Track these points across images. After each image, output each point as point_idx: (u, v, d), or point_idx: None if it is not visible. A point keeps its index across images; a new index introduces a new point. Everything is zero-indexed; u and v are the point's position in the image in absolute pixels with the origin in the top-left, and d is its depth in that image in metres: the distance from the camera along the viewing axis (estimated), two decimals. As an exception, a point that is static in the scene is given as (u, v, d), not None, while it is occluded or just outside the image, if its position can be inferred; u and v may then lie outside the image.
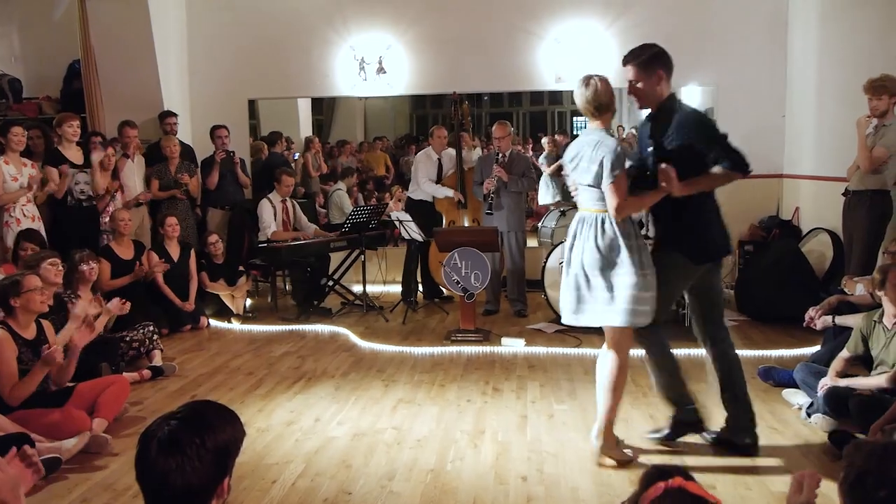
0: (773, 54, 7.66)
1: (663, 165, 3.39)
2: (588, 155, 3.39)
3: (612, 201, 3.34)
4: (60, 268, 4.79)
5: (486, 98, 9.23)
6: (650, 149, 3.58)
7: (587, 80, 3.47)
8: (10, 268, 5.12)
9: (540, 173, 8.78)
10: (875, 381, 3.72)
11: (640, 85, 3.68)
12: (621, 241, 3.36)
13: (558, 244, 6.41)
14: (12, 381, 3.81)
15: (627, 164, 3.43)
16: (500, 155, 6.71)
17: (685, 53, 7.75)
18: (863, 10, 6.14)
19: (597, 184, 3.38)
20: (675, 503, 1.44)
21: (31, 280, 4.02)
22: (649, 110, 3.73)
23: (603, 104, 3.46)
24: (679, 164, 3.38)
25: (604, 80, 3.50)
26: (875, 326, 3.87)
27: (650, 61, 3.67)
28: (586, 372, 5.08)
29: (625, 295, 3.36)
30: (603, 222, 3.40)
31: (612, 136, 3.48)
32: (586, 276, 3.42)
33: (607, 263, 3.37)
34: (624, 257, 3.36)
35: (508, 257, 6.82)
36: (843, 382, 3.88)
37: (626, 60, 3.71)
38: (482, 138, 9.16)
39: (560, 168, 6.63)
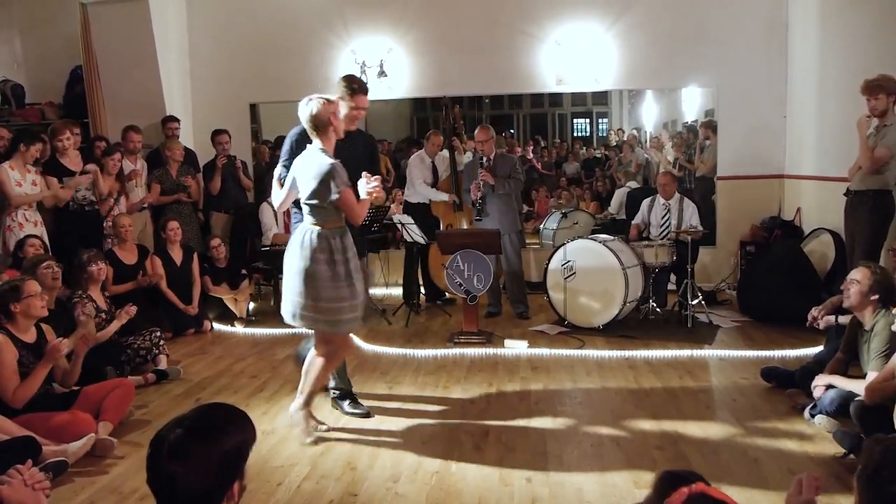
0: (773, 55, 7.67)
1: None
2: (312, 174, 3.71)
3: (349, 211, 3.76)
4: (56, 269, 4.82)
5: (486, 100, 9.24)
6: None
7: (308, 101, 3.79)
8: (13, 273, 5.14)
9: (531, 174, 8.82)
10: (854, 384, 3.75)
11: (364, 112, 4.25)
12: (321, 255, 3.73)
13: (560, 246, 6.42)
14: (13, 385, 3.82)
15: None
16: (485, 159, 6.71)
17: (685, 55, 7.82)
18: (862, 9, 6.16)
19: (317, 200, 3.71)
20: None
21: (32, 285, 4.04)
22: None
23: (321, 124, 3.76)
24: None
25: (324, 103, 3.79)
26: (856, 328, 3.91)
27: None
28: (589, 373, 5.09)
29: (332, 307, 3.76)
30: (312, 235, 3.75)
31: (329, 155, 3.78)
32: (303, 283, 3.76)
33: (310, 274, 3.74)
34: (323, 269, 3.73)
35: (505, 259, 6.83)
36: (829, 380, 3.91)
37: (366, 90, 4.24)
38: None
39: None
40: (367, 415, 4.32)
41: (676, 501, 1.46)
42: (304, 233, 3.79)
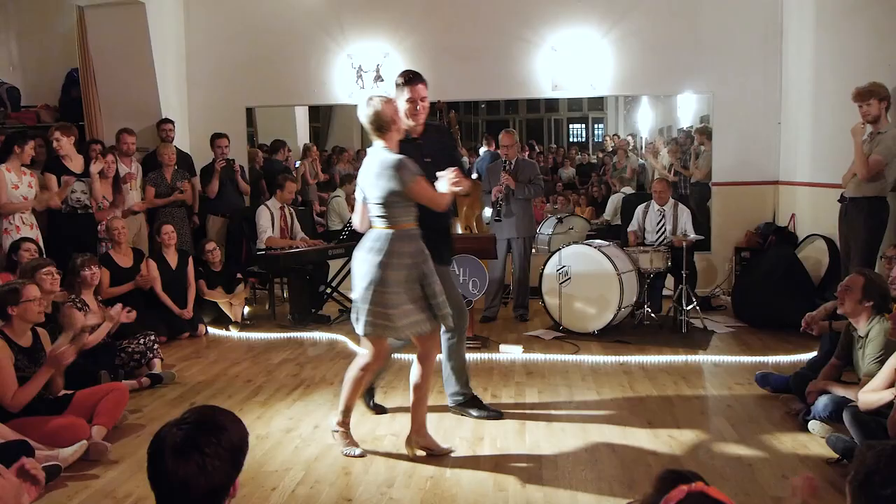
0: (768, 62, 7.70)
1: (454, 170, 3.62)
2: (376, 173, 3.56)
3: (427, 201, 3.60)
4: (56, 275, 4.80)
5: (482, 106, 9.27)
6: (427, 159, 3.87)
7: (369, 100, 3.61)
8: (7, 276, 5.12)
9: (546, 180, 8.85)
10: (848, 390, 3.77)
11: (427, 103, 4.01)
12: (394, 259, 3.55)
13: (555, 251, 6.44)
14: (12, 388, 3.80)
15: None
16: (507, 162, 6.77)
17: (681, 62, 7.85)
18: (856, 17, 6.19)
19: (384, 200, 3.56)
20: None
21: (31, 290, 4.02)
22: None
23: (384, 123, 3.60)
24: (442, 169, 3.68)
25: (386, 101, 3.64)
26: (851, 334, 3.92)
27: None
28: (584, 378, 5.10)
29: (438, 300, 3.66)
30: (385, 238, 3.58)
31: (393, 152, 3.62)
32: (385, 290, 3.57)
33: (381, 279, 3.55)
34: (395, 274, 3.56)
35: (517, 262, 6.88)
36: (823, 386, 3.94)
37: (420, 79, 3.98)
38: (478, 144, 9.21)
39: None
40: (499, 416, 4.31)
41: (675, 498, 1.48)
42: (376, 237, 3.61)
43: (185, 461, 1.61)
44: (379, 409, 4.50)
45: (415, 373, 3.82)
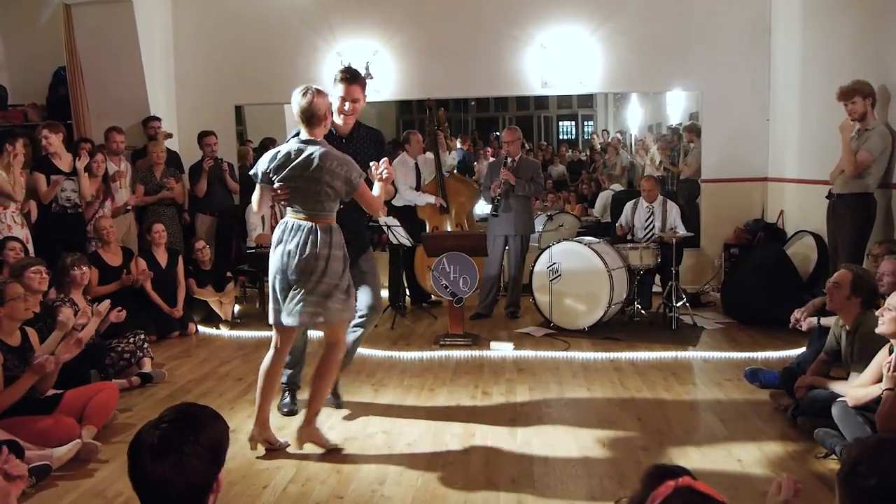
0: (756, 59, 7.74)
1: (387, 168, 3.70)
2: (321, 165, 3.49)
3: (369, 202, 3.68)
4: (45, 275, 4.77)
5: (472, 103, 9.27)
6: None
7: (305, 91, 3.55)
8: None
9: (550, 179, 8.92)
10: (836, 385, 3.80)
11: (360, 105, 4.06)
12: (330, 251, 3.58)
13: (545, 248, 6.45)
14: (-2, 388, 3.79)
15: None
16: (510, 159, 6.78)
17: (669, 59, 7.87)
18: (843, 15, 6.23)
19: (326, 194, 3.54)
20: (685, 502, 1.47)
21: (14, 288, 4.00)
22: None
23: (316, 117, 3.54)
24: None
25: (321, 94, 3.57)
26: (840, 330, 3.96)
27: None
28: (574, 375, 5.11)
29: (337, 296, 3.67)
30: (316, 231, 3.57)
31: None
32: (298, 280, 3.61)
33: (319, 269, 3.57)
34: (331, 264, 3.59)
35: (513, 260, 6.89)
36: (811, 382, 3.97)
37: (357, 80, 4.02)
38: (470, 141, 9.24)
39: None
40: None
41: (662, 494, 1.48)
42: (312, 231, 3.58)
43: (163, 461, 1.61)
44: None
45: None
